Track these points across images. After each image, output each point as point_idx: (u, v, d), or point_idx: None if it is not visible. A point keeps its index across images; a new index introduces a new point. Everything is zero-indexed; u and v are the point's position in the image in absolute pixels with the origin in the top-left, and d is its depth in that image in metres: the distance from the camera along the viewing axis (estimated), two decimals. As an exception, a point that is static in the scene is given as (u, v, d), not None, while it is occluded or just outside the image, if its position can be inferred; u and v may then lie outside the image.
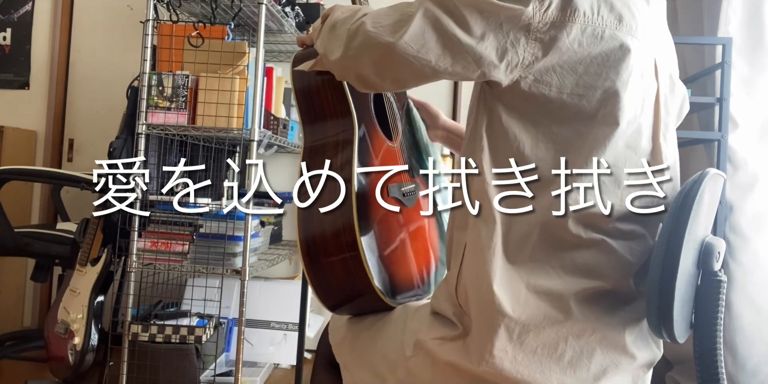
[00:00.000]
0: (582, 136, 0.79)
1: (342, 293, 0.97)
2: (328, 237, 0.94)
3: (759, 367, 1.86)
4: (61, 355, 1.92)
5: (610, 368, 0.80)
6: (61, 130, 2.78)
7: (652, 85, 0.84)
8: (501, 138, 0.82)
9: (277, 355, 2.32)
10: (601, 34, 0.77)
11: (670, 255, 0.76)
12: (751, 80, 1.97)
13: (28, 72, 2.79)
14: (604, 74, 0.77)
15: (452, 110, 2.61)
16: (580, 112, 0.78)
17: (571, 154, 0.79)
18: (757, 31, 1.96)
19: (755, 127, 1.96)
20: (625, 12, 0.79)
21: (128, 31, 2.70)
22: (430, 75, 0.80)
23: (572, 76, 0.77)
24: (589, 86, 0.77)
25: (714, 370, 0.80)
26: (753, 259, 1.88)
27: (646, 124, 0.83)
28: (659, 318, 0.78)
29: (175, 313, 2.09)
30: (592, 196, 0.79)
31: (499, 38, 0.76)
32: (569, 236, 0.79)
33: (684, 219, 0.76)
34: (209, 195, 2.26)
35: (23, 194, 2.70)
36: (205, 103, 1.94)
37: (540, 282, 0.79)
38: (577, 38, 0.76)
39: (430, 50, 0.77)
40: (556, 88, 0.78)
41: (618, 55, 0.77)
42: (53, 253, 2.11)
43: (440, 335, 0.85)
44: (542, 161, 0.79)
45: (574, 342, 0.79)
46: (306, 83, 1.05)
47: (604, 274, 0.80)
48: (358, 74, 0.85)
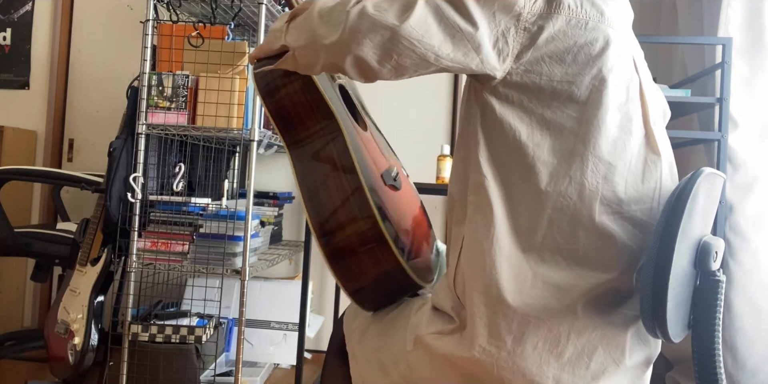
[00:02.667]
0: (575, 121, 0.81)
1: (369, 277, 0.99)
2: (346, 226, 0.96)
3: (759, 367, 1.86)
4: (61, 355, 1.92)
5: (610, 367, 0.81)
6: (61, 130, 2.78)
7: (635, 77, 0.87)
8: (496, 129, 0.83)
9: (277, 355, 2.32)
10: (585, 25, 0.81)
11: (662, 254, 0.77)
12: (751, 80, 1.97)
13: (28, 72, 2.79)
14: (591, 62, 0.81)
15: (452, 109, 2.61)
16: (571, 98, 0.81)
17: (566, 137, 0.81)
18: (757, 31, 1.96)
19: (755, 127, 1.96)
20: (605, 8, 0.84)
21: (128, 31, 2.71)
22: (432, 61, 0.80)
23: (560, 65, 0.81)
24: (577, 74, 0.81)
25: (713, 370, 0.80)
26: (753, 259, 1.88)
27: (635, 111, 0.86)
28: (653, 317, 0.78)
29: (175, 313, 2.09)
30: (595, 177, 0.81)
31: (491, 27, 0.79)
32: (578, 219, 0.80)
33: (677, 218, 0.77)
34: (209, 195, 2.27)
35: (23, 194, 2.70)
36: (205, 103, 1.94)
37: (548, 273, 0.80)
38: (562, 29, 0.80)
39: (433, 36, 0.78)
40: (546, 76, 0.81)
41: (602, 44, 0.82)
42: (53, 253, 2.11)
43: (437, 330, 0.86)
44: (539, 146, 0.81)
45: (576, 339, 0.80)
46: (274, 89, 1.02)
47: (612, 265, 0.81)
48: (356, 57, 0.82)
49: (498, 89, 0.82)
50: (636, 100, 0.86)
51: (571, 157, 0.81)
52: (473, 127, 0.86)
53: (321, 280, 2.67)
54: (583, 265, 0.80)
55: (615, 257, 0.81)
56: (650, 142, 0.86)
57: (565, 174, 0.80)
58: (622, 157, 0.82)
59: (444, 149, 2.29)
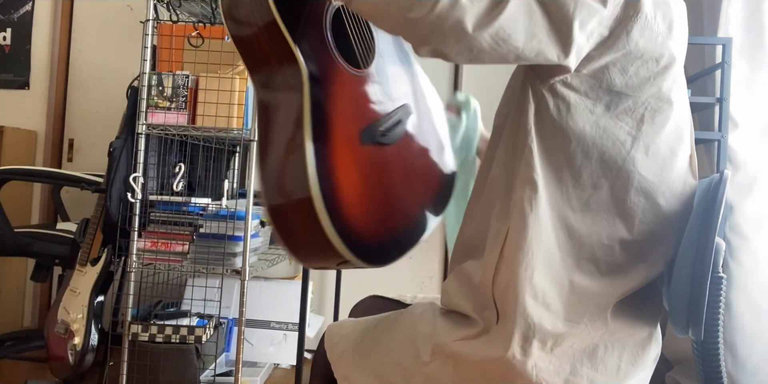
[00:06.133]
0: (629, 135, 0.81)
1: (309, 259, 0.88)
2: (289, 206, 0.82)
3: (759, 367, 1.86)
4: (61, 355, 1.92)
5: (638, 366, 0.82)
6: (61, 130, 2.78)
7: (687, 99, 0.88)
8: (549, 128, 0.81)
9: (277, 355, 2.32)
10: (655, 39, 0.80)
11: (700, 260, 0.78)
12: (751, 80, 1.97)
13: (28, 72, 2.79)
14: (652, 79, 0.80)
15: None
16: (626, 112, 0.81)
17: (617, 150, 0.81)
18: (757, 31, 1.97)
19: (755, 127, 1.96)
20: (674, 25, 0.82)
21: (128, 31, 2.71)
22: (512, 60, 0.76)
23: (622, 75, 0.79)
24: (636, 87, 0.80)
25: (716, 367, 0.80)
26: (753, 259, 1.88)
27: (686, 133, 0.87)
28: (689, 319, 0.79)
29: (175, 313, 2.09)
30: (638, 196, 0.82)
31: (576, 25, 0.75)
32: (615, 234, 0.81)
33: (713, 224, 0.78)
34: (209, 195, 2.26)
35: (23, 194, 2.70)
36: (205, 103, 1.94)
37: (584, 281, 0.80)
38: (635, 38, 0.78)
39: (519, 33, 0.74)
40: (606, 84, 0.79)
41: (666, 62, 0.81)
42: (53, 253, 2.11)
43: (462, 336, 0.83)
44: (587, 156, 0.80)
45: (608, 339, 0.81)
46: (241, 18, 0.87)
47: (640, 277, 0.82)
48: (435, 51, 0.75)
49: (556, 87, 0.80)
50: (687, 121, 0.86)
51: (618, 171, 0.81)
52: (524, 118, 0.83)
53: (321, 280, 2.67)
54: (615, 276, 0.81)
55: (644, 270, 0.82)
56: (692, 164, 0.87)
57: (608, 188, 0.81)
58: (667, 179, 0.83)
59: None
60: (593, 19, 0.75)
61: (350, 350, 0.97)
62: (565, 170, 0.80)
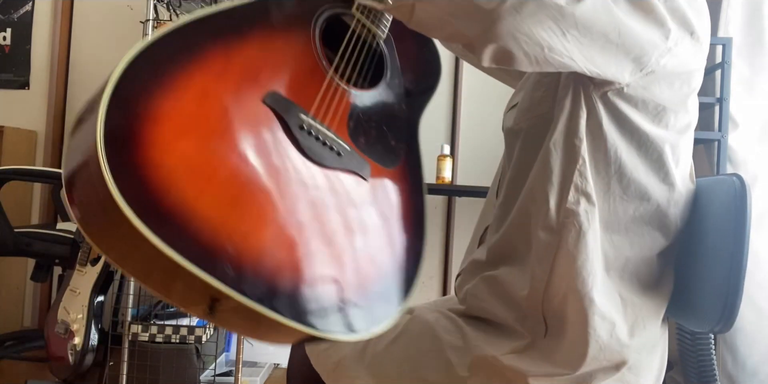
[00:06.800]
0: (670, 147, 0.83)
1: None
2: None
3: (759, 367, 1.86)
4: (61, 355, 1.92)
5: (664, 358, 0.88)
6: (61, 130, 2.78)
7: None
8: (600, 139, 0.80)
9: (277, 355, 2.32)
10: (696, 53, 0.80)
11: (738, 260, 0.85)
12: (751, 80, 1.98)
13: (28, 72, 2.79)
14: (690, 94, 0.82)
15: (452, 109, 2.61)
16: (667, 127, 0.81)
17: (660, 165, 0.83)
18: (757, 31, 1.97)
19: (755, 127, 1.96)
20: (705, 40, 0.82)
21: (128, 31, 2.70)
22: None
23: (669, 89, 0.79)
24: (678, 102, 0.81)
25: (710, 366, 0.85)
26: (753, 259, 1.88)
27: (690, 145, 0.89)
28: (722, 315, 0.85)
29: (175, 313, 2.09)
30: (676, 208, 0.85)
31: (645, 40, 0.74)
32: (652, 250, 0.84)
33: (746, 226, 0.83)
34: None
35: (23, 194, 2.70)
36: (205, 103, 1.93)
37: (628, 294, 0.82)
38: (687, 50, 0.78)
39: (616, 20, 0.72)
40: (657, 97, 0.79)
41: (699, 78, 0.82)
42: (53, 253, 2.11)
43: (510, 349, 0.80)
44: (636, 169, 0.81)
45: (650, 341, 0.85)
46: None
47: (669, 293, 0.87)
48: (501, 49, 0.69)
49: (608, 96, 0.78)
50: (691, 136, 0.88)
51: (662, 183, 0.82)
52: (574, 125, 0.79)
53: (321, 280, 2.67)
54: (652, 290, 0.84)
55: (670, 283, 0.86)
56: (691, 169, 0.90)
57: (651, 203, 0.82)
58: (686, 186, 0.86)
59: (444, 149, 2.28)
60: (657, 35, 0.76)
61: (352, 360, 0.87)
62: (614, 182, 0.80)
